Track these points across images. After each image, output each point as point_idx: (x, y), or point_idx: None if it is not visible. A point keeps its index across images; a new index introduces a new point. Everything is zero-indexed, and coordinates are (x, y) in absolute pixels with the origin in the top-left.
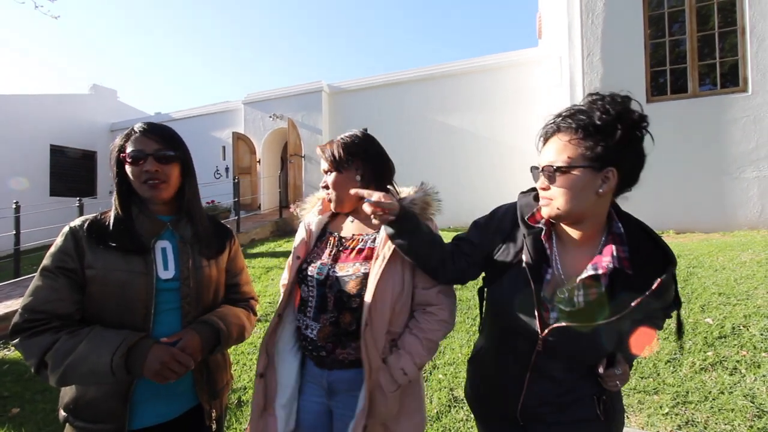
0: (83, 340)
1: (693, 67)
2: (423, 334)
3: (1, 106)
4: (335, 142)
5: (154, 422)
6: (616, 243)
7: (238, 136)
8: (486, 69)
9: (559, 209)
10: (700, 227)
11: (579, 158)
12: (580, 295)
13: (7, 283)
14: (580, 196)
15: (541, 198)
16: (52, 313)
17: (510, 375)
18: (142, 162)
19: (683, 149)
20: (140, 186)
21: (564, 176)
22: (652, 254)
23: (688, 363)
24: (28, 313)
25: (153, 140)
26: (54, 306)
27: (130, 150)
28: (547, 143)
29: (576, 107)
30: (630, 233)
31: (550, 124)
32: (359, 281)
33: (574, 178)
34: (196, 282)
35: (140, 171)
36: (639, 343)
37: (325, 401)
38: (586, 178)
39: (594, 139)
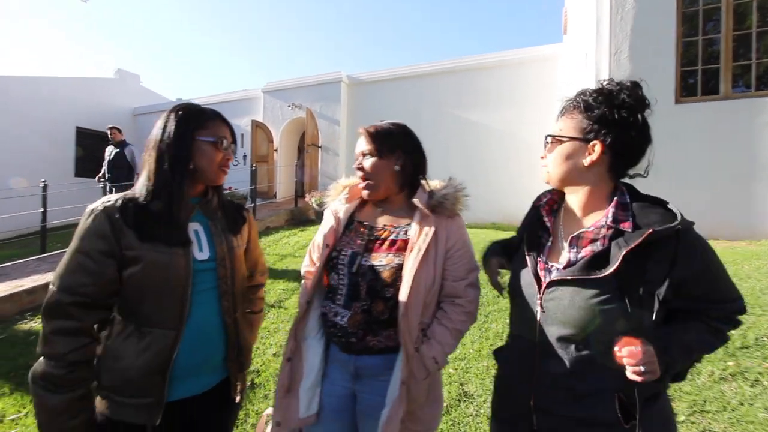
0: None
1: (727, 67)
2: (452, 325)
3: (30, 87)
4: (379, 127)
5: (183, 395)
6: (618, 208)
7: (256, 125)
8: (507, 64)
9: (548, 173)
10: (725, 234)
11: (569, 130)
12: (572, 252)
13: (33, 259)
14: (566, 163)
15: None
16: (90, 297)
17: (520, 351)
18: (226, 149)
19: (711, 152)
20: (215, 171)
21: (555, 145)
22: (652, 215)
23: (706, 372)
24: (68, 295)
25: (227, 128)
26: (92, 290)
27: (214, 134)
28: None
29: (586, 89)
30: (639, 199)
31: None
32: (393, 272)
33: (562, 147)
34: (231, 262)
35: (222, 157)
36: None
37: (350, 385)
38: (572, 148)
39: (585, 115)
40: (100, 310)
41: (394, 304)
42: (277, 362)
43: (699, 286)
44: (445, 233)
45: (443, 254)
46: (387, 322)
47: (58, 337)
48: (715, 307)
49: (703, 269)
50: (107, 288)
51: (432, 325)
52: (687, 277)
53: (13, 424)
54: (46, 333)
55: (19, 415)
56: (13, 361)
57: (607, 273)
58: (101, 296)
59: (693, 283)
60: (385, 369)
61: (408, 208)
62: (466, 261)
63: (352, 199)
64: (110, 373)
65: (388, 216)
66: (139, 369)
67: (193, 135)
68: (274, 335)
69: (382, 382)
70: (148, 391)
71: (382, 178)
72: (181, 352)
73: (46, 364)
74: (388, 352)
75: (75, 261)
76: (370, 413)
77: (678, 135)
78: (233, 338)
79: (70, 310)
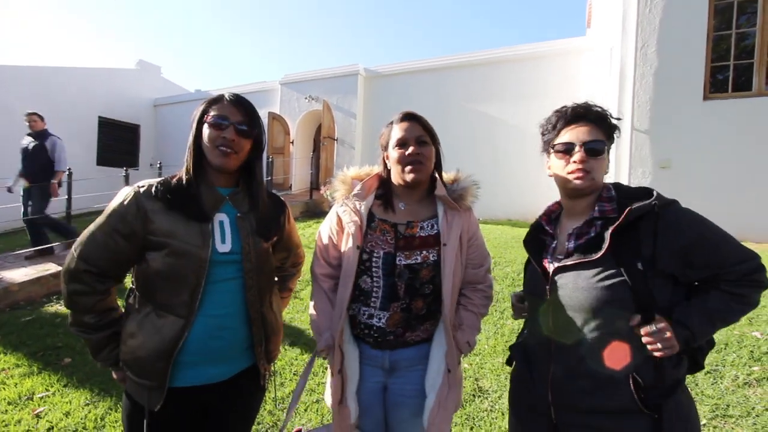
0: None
1: (761, 62)
2: (477, 309)
3: (55, 77)
4: (424, 118)
5: (205, 382)
6: (603, 202)
7: (273, 116)
8: (528, 57)
9: (593, 179)
10: (753, 236)
11: (605, 140)
12: (571, 242)
13: (58, 244)
14: (603, 170)
15: (575, 171)
16: (102, 269)
17: (536, 346)
18: (223, 128)
19: (741, 151)
20: (212, 150)
21: (600, 153)
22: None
23: (730, 376)
24: (83, 263)
25: (238, 111)
26: (105, 264)
27: (214, 114)
28: (573, 127)
29: (584, 104)
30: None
31: (573, 111)
32: (430, 269)
33: (605, 156)
34: (256, 256)
35: (218, 136)
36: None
37: (382, 379)
38: (607, 155)
39: (607, 128)
40: (112, 280)
41: (432, 299)
42: (292, 351)
43: (700, 254)
44: (467, 225)
45: (466, 245)
46: (425, 316)
47: (78, 297)
48: (727, 272)
49: (698, 237)
50: (121, 265)
51: (459, 311)
52: (684, 245)
53: (41, 402)
54: (68, 293)
55: (47, 394)
56: (41, 341)
57: (601, 253)
58: (114, 270)
59: (693, 250)
60: (419, 359)
61: (428, 200)
62: (482, 249)
63: (368, 194)
64: (125, 347)
65: (408, 209)
66: (147, 350)
67: (202, 117)
68: (289, 325)
69: (415, 371)
70: (152, 374)
71: (430, 167)
72: (193, 339)
73: (78, 315)
74: (421, 343)
75: (97, 235)
76: (402, 402)
77: (706, 133)
78: (258, 330)
79: (84, 276)
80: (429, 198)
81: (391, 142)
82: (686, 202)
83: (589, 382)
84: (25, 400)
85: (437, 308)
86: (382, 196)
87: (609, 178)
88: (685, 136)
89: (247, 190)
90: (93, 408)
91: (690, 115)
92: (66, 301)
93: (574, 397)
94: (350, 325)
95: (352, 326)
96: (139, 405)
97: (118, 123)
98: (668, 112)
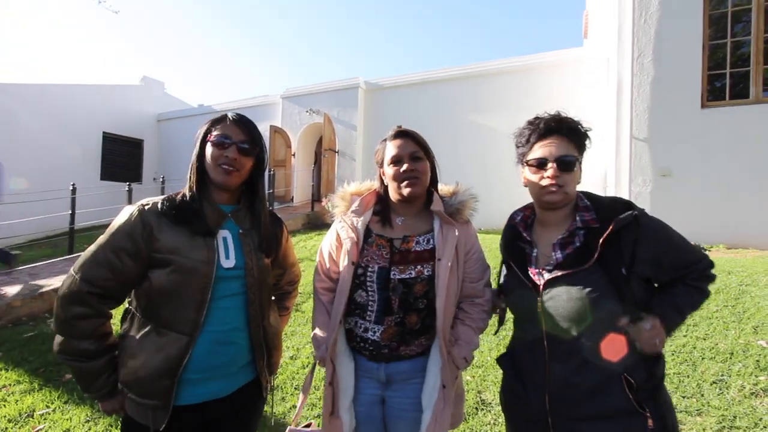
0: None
1: (757, 71)
2: (475, 324)
3: (59, 94)
4: (414, 131)
5: (209, 398)
6: (582, 212)
7: (275, 130)
8: (526, 69)
9: (567, 193)
10: (755, 243)
11: (577, 154)
12: (557, 253)
13: (61, 259)
14: (576, 182)
15: (548, 186)
16: (107, 290)
17: (529, 356)
18: (225, 147)
19: (740, 158)
20: (215, 169)
21: (572, 167)
22: (615, 208)
23: (736, 386)
24: (87, 285)
25: (241, 131)
26: (110, 285)
27: (217, 134)
28: (545, 141)
29: (556, 116)
30: (596, 202)
31: (545, 125)
32: (424, 283)
33: (578, 168)
34: (259, 271)
35: (220, 155)
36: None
37: (379, 392)
38: (579, 169)
39: (578, 140)
40: (114, 302)
41: (427, 314)
42: (293, 365)
43: (670, 257)
44: (464, 239)
45: (463, 259)
46: (419, 331)
47: (81, 321)
48: (690, 270)
49: (667, 241)
50: (125, 285)
51: (456, 326)
52: (657, 251)
53: (41, 419)
54: (67, 318)
55: (48, 410)
56: (42, 357)
57: (591, 263)
58: (118, 291)
59: (664, 255)
60: (415, 372)
61: (425, 214)
62: (481, 262)
63: (365, 210)
64: (125, 369)
65: (405, 224)
66: (149, 369)
67: (206, 136)
68: (291, 338)
69: (412, 385)
70: (156, 394)
71: (426, 181)
72: (197, 356)
73: (76, 342)
74: (416, 357)
75: (101, 255)
76: (400, 415)
77: (704, 141)
78: (259, 343)
79: (88, 298)
80: (426, 212)
81: (386, 159)
82: (687, 208)
83: (585, 387)
84: (25, 417)
85: (432, 323)
86: (380, 212)
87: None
88: (683, 144)
89: (248, 207)
90: (93, 425)
91: (688, 123)
92: (62, 326)
93: (571, 405)
94: (347, 338)
95: (348, 339)
96: (140, 426)
97: (122, 138)
98: (666, 121)
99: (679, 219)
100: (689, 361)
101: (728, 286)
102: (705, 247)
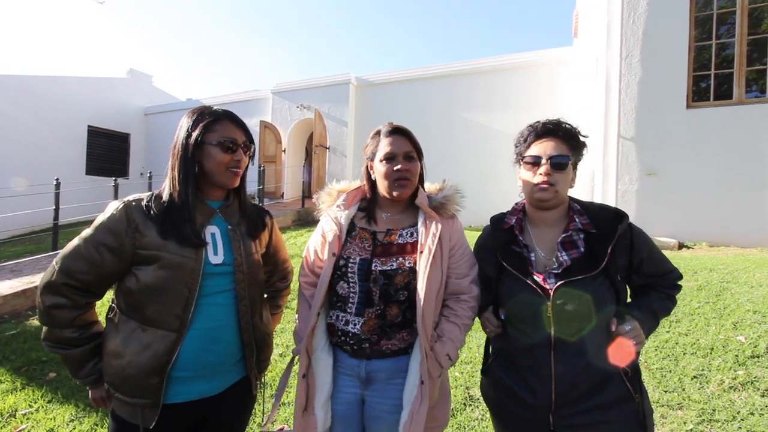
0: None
1: (740, 72)
2: (460, 321)
3: (43, 87)
4: (407, 129)
5: (198, 396)
6: (577, 215)
7: (265, 125)
8: (517, 66)
9: (557, 192)
10: (736, 241)
11: (571, 155)
12: (563, 256)
13: (45, 255)
14: (568, 183)
15: (540, 183)
16: (84, 284)
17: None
18: (235, 151)
19: (723, 158)
20: (222, 172)
21: (565, 167)
22: (605, 215)
23: (716, 380)
24: (64, 276)
25: (241, 131)
26: (87, 279)
27: (221, 136)
28: (541, 141)
29: (555, 120)
30: (586, 207)
31: (543, 126)
32: (406, 275)
33: (569, 169)
34: (248, 267)
35: (230, 159)
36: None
37: (359, 391)
38: (572, 171)
39: (574, 144)
40: (93, 295)
41: (407, 306)
42: (283, 362)
43: (650, 265)
44: (448, 233)
45: (447, 253)
46: (400, 324)
47: (58, 311)
48: (664, 278)
49: (650, 250)
50: (104, 280)
51: (441, 322)
52: (642, 258)
53: (24, 419)
54: (45, 307)
55: (31, 410)
56: (25, 356)
57: (601, 268)
58: (96, 285)
59: (646, 263)
60: (397, 371)
61: (410, 210)
62: (467, 258)
63: (350, 205)
64: (110, 368)
65: (390, 219)
66: (136, 368)
67: (201, 138)
68: (281, 335)
69: (394, 386)
70: (145, 392)
71: (416, 181)
72: (185, 353)
73: (57, 331)
74: (399, 354)
75: (82, 248)
76: (380, 416)
77: (689, 141)
78: (249, 341)
79: (64, 290)
80: (412, 207)
81: (378, 155)
82: (671, 207)
83: (589, 385)
84: (7, 417)
85: (413, 316)
86: (365, 208)
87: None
88: (669, 143)
89: (237, 203)
90: (78, 424)
91: (674, 123)
92: (43, 315)
93: (574, 402)
94: (328, 333)
95: (330, 333)
96: (129, 425)
97: (108, 132)
98: (653, 120)
99: (664, 217)
100: (671, 356)
101: (710, 283)
102: (688, 245)
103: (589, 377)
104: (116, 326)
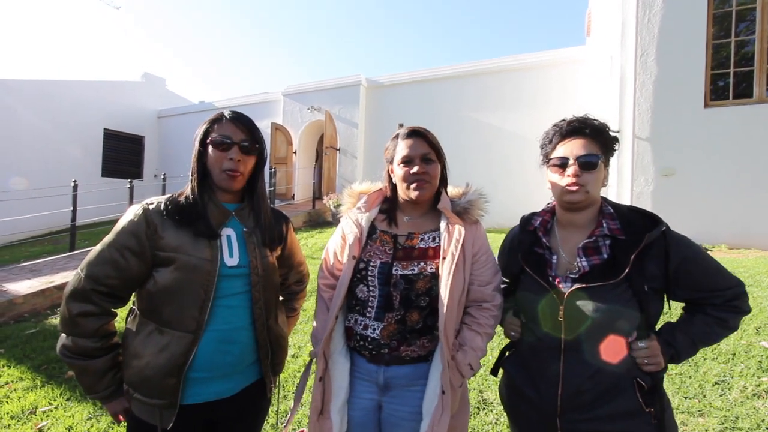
0: None
1: (761, 70)
2: (483, 330)
3: (60, 91)
4: (427, 130)
5: (214, 398)
6: (607, 219)
7: (276, 127)
8: (529, 67)
9: (588, 193)
10: (757, 243)
11: (600, 153)
12: (582, 261)
13: (63, 256)
14: (600, 183)
15: (569, 185)
16: (112, 288)
17: (542, 360)
18: (228, 149)
19: (743, 158)
20: (219, 173)
21: (595, 166)
22: (639, 221)
23: (738, 387)
24: (92, 282)
25: (240, 129)
26: (114, 283)
27: (217, 135)
28: (567, 141)
29: (581, 117)
30: (619, 211)
31: (568, 125)
32: (427, 280)
33: (600, 168)
34: (263, 269)
35: (224, 158)
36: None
37: (376, 397)
38: (603, 170)
39: (603, 141)
40: (119, 301)
41: (429, 312)
42: (295, 363)
43: (691, 276)
44: (471, 239)
45: (470, 260)
46: (421, 331)
47: (85, 319)
48: (713, 296)
49: (692, 259)
50: (130, 283)
51: (462, 331)
52: (678, 267)
53: (44, 416)
54: (72, 315)
55: (50, 408)
56: (45, 354)
57: (622, 276)
58: (122, 289)
59: (684, 273)
60: (415, 378)
61: (432, 214)
62: (491, 265)
63: (371, 207)
64: (130, 369)
65: (411, 222)
66: (154, 369)
67: (206, 140)
68: (293, 336)
69: (412, 392)
70: (162, 393)
71: (435, 184)
72: (201, 354)
73: (80, 341)
74: (419, 361)
75: (106, 253)
76: (398, 423)
77: (707, 140)
78: (264, 343)
79: (93, 296)
80: (434, 211)
81: (396, 158)
82: (688, 209)
83: (597, 392)
84: (27, 414)
85: (434, 323)
86: (386, 210)
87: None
88: (686, 144)
89: (252, 206)
90: (96, 422)
91: (691, 123)
92: (67, 324)
93: (582, 408)
94: (346, 337)
95: (348, 338)
96: (147, 425)
97: (123, 135)
98: (669, 120)
99: (681, 219)
100: (691, 361)
101: None
102: (707, 247)
103: (597, 385)
104: (136, 328)
